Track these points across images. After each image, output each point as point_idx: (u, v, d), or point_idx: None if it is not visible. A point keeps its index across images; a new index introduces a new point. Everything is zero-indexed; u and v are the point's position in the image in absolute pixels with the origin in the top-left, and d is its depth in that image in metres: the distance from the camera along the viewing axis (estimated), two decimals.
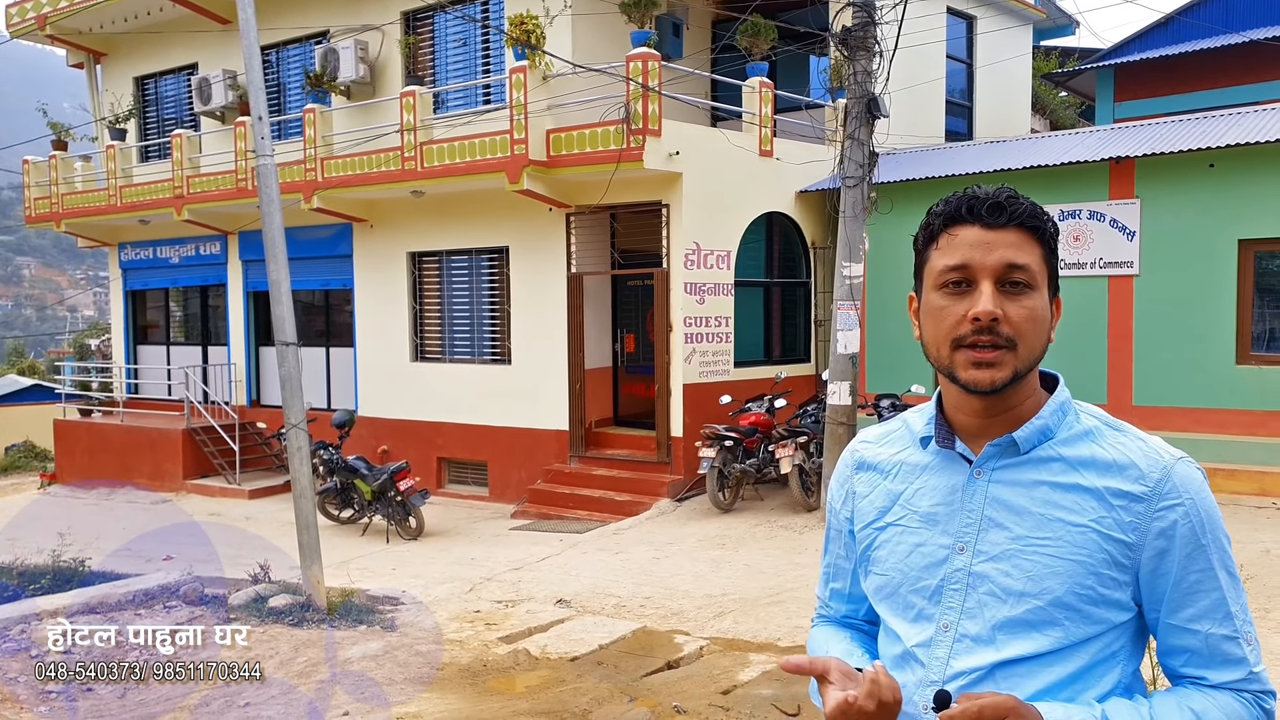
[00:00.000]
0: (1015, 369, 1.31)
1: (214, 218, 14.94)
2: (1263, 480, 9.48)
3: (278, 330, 6.94)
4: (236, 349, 15.57)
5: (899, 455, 1.48)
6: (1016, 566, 1.32)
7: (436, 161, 11.78)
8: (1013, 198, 1.35)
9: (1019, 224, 1.33)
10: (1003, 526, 1.34)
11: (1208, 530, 1.30)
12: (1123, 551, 1.30)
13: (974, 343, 1.31)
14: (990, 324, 1.30)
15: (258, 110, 6.94)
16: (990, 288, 1.31)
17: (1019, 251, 1.32)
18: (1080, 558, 1.30)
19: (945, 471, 1.41)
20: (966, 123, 15.13)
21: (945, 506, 1.39)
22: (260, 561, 7.68)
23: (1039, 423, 1.35)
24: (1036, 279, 1.32)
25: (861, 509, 1.50)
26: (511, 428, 12.28)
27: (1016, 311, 1.31)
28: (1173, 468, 1.31)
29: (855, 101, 9.01)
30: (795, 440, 10.09)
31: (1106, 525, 1.30)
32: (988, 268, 1.31)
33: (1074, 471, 1.33)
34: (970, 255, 1.32)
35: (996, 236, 1.32)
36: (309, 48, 14.38)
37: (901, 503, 1.44)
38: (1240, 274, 9.99)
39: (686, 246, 10.92)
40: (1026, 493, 1.34)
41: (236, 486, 13.82)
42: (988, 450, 1.36)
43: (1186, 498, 1.30)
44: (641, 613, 7.02)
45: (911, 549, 1.41)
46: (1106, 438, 1.35)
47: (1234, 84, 14.83)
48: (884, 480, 1.48)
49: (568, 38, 11.54)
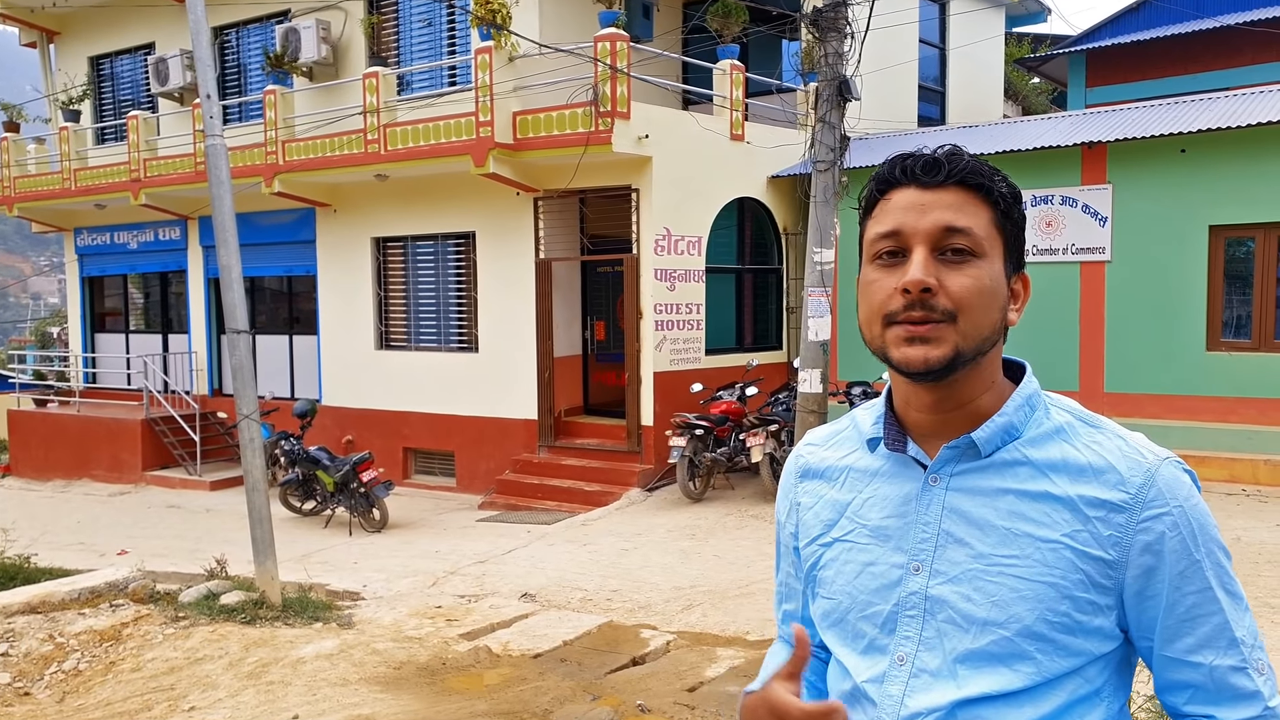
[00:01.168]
0: (957, 346, 1.12)
1: (173, 202, 14.56)
2: (1233, 467, 9.48)
3: (229, 318, 6.68)
4: (198, 337, 15.22)
5: (846, 459, 1.29)
6: (979, 590, 1.14)
7: (400, 144, 11.50)
8: (953, 154, 1.16)
9: (959, 182, 1.15)
10: (963, 543, 1.16)
11: (1201, 543, 1.12)
12: (1102, 571, 1.12)
13: (906, 318, 1.13)
14: (922, 295, 1.11)
15: (206, 88, 6.67)
16: (923, 254, 1.12)
17: (958, 213, 1.13)
18: (1052, 579, 1.11)
19: (897, 478, 1.22)
20: (939, 108, 15.04)
21: (898, 519, 1.20)
22: (217, 556, 7.45)
23: (1002, 420, 1.16)
24: (983, 245, 1.14)
25: (806, 522, 1.31)
26: (479, 417, 12.06)
27: (956, 281, 1.12)
28: (1157, 470, 1.13)
29: (826, 84, 8.84)
30: (766, 428, 9.97)
31: (1082, 540, 1.12)
32: (920, 232, 1.13)
33: (1043, 477, 1.15)
34: (902, 219, 1.15)
35: (933, 197, 1.14)
36: (270, 27, 14.02)
37: (849, 515, 1.25)
38: (1211, 260, 9.98)
39: (657, 232, 10.73)
40: (990, 503, 1.15)
41: (197, 478, 13.51)
42: (944, 453, 1.18)
43: (1174, 505, 1.12)
44: (608, 606, 6.85)
45: (861, 569, 1.22)
46: (1081, 436, 1.17)
47: (1205, 69, 14.82)
48: (830, 489, 1.29)
49: (535, 18, 11.29)
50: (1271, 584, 6.25)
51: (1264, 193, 9.62)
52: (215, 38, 14.69)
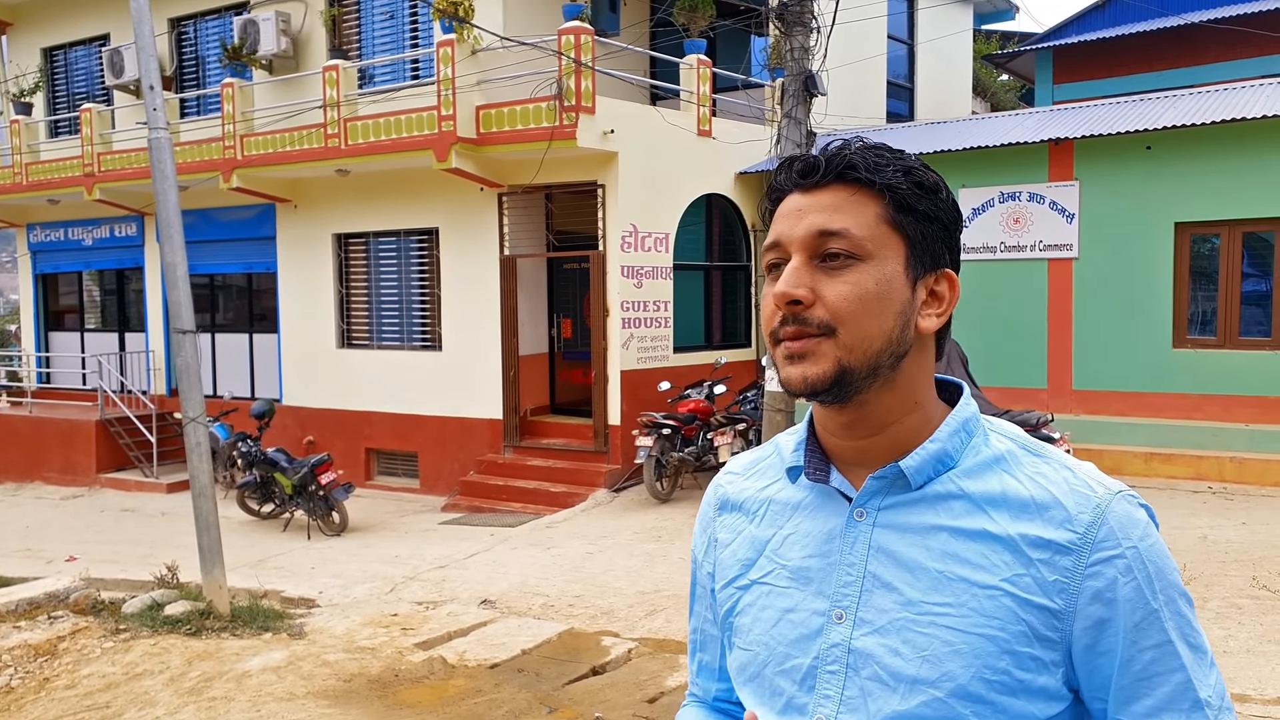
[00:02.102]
0: (839, 361, 1.00)
1: (128, 197, 14.19)
2: (1199, 464, 9.48)
3: (174, 317, 6.45)
4: (155, 335, 14.87)
5: (767, 490, 1.15)
6: (908, 643, 1.00)
7: (361, 139, 11.26)
8: (838, 149, 1.04)
9: (839, 179, 1.02)
10: (891, 588, 1.02)
11: (1159, 589, 0.98)
12: (1047, 622, 0.98)
13: (784, 334, 1.02)
14: (790, 308, 1.01)
15: (149, 79, 6.42)
16: (796, 263, 1.02)
17: (835, 214, 1.01)
18: (990, 631, 0.98)
19: (820, 512, 1.09)
20: (908, 104, 14.99)
21: (820, 559, 1.07)
22: (169, 562, 7.22)
23: (934, 447, 1.04)
24: (865, 247, 1.01)
25: (723, 562, 1.17)
26: (443, 417, 11.84)
27: (833, 290, 1.00)
28: (1108, 506, 0.99)
29: (793, 79, 8.72)
30: (734, 427, 9.86)
31: (1024, 586, 0.98)
32: (796, 240, 1.02)
33: (981, 513, 1.01)
34: (781, 228, 1.04)
35: (810, 200, 1.03)
36: (228, 19, 13.70)
37: (769, 554, 1.11)
38: (1177, 257, 9.99)
39: (623, 228, 10.57)
40: (921, 542, 1.02)
41: (154, 480, 13.18)
42: (869, 484, 1.05)
43: (1128, 546, 0.98)
44: (570, 613, 6.69)
45: (779, 616, 1.08)
46: (1023, 466, 1.03)
47: (1170, 67, 14.88)
48: (749, 524, 1.15)
49: (498, 11, 11.08)
50: (1238, 584, 6.20)
51: (1228, 190, 9.64)
52: (172, 29, 14.36)
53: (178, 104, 14.07)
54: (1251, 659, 5.01)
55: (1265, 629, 5.44)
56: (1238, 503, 8.71)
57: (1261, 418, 9.49)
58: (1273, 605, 5.66)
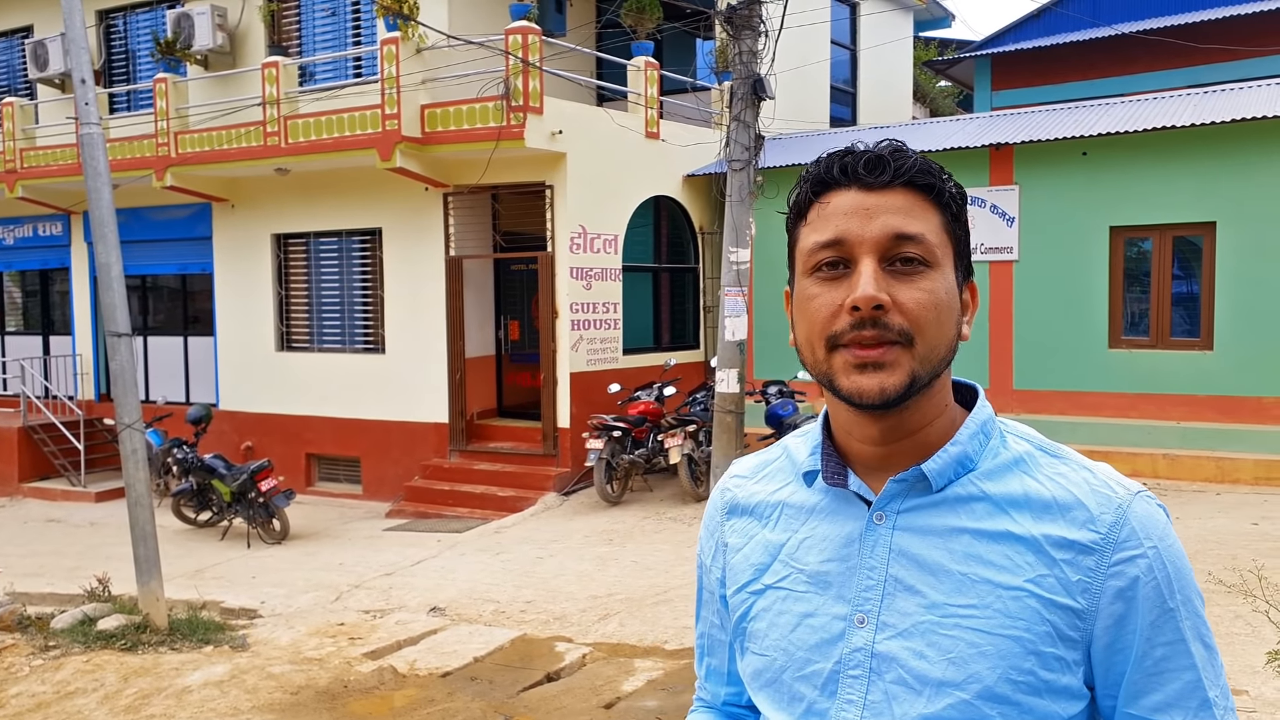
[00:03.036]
0: (913, 372, 0.98)
1: (53, 195, 13.69)
2: (1134, 462, 9.72)
3: (108, 320, 6.21)
4: (83, 338, 14.35)
5: (779, 494, 1.14)
6: (933, 646, 0.99)
7: (302, 137, 11.00)
8: (899, 150, 1.01)
9: (907, 183, 1.00)
10: (914, 591, 1.01)
11: (1177, 589, 0.99)
12: (1070, 621, 0.98)
13: (855, 339, 0.98)
14: (874, 313, 0.97)
15: (80, 73, 6.18)
16: (872, 266, 0.98)
17: (909, 218, 0.99)
18: (1015, 632, 0.97)
19: (838, 516, 1.07)
20: (850, 109, 15.16)
21: (839, 563, 1.05)
22: (99, 574, 6.95)
23: (955, 449, 1.03)
24: (936, 254, 1.00)
25: (735, 567, 1.15)
26: (386, 421, 11.62)
27: (910, 296, 0.98)
28: (1130, 506, 1.00)
29: (741, 82, 8.74)
30: (684, 429, 9.84)
31: (1048, 587, 0.98)
32: (868, 240, 0.99)
33: (1003, 514, 1.01)
34: (846, 227, 1.00)
35: (879, 200, 1.00)
36: (161, 12, 13.29)
37: (784, 558, 1.10)
38: (1112, 259, 10.24)
39: (572, 229, 10.49)
40: (943, 544, 1.01)
41: (81, 489, 12.71)
42: (890, 488, 1.04)
43: (1150, 546, 0.99)
44: (522, 619, 6.59)
45: (798, 621, 1.07)
46: (1042, 467, 1.03)
47: (1103, 75, 15.28)
48: (762, 528, 1.13)
49: (443, 9, 10.92)
50: None
51: (1159, 195, 9.92)
52: (101, 21, 13.89)
53: (107, 99, 13.61)
54: None
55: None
56: (1171, 498, 8.93)
57: (1192, 416, 9.77)
58: (1207, 598, 5.78)
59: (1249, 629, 5.28)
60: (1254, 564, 5.62)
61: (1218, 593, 5.55)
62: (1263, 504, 8.54)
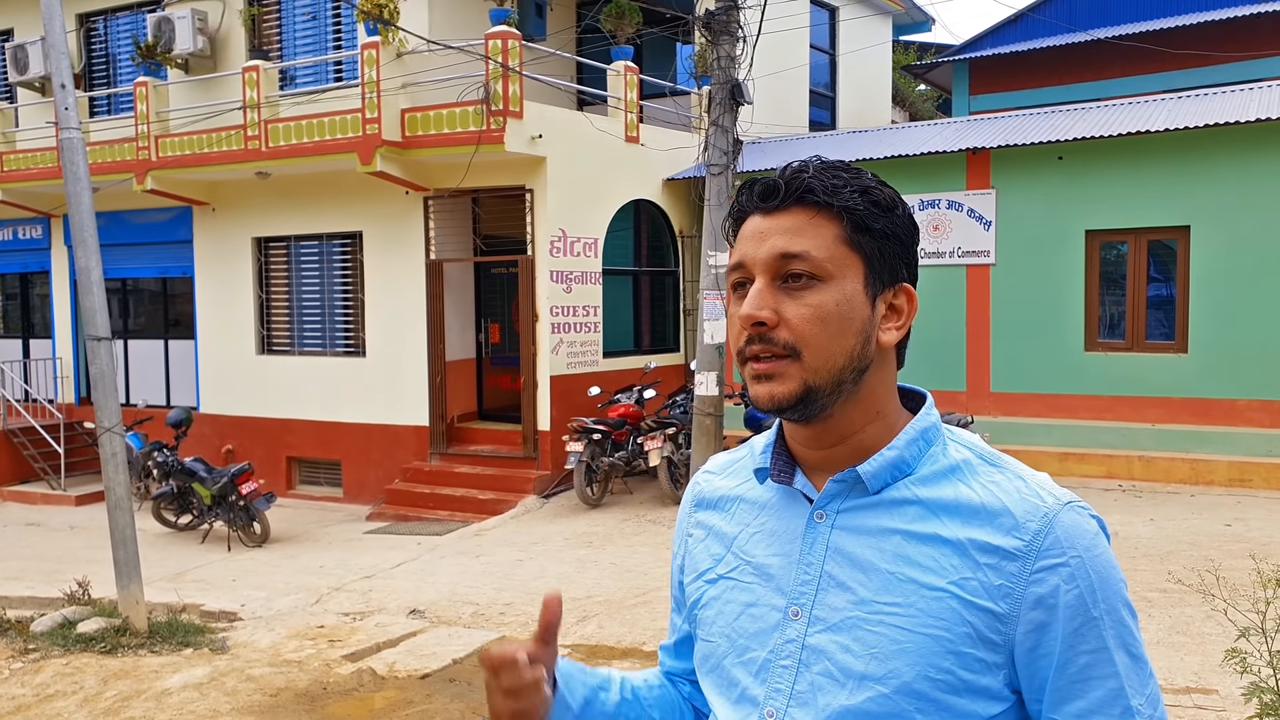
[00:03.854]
0: (805, 382, 1.04)
1: (34, 198, 13.65)
2: (1110, 463, 9.84)
3: (88, 323, 6.22)
4: (63, 342, 14.30)
5: (738, 489, 1.20)
6: (859, 640, 1.03)
7: (283, 141, 11.01)
8: (797, 172, 1.07)
9: (798, 202, 1.06)
10: (845, 587, 1.06)
11: (1101, 598, 1.01)
12: (990, 624, 1.01)
13: (751, 354, 1.06)
14: (757, 329, 1.05)
15: (60, 77, 6.20)
16: (760, 284, 1.06)
17: (796, 237, 1.05)
18: (936, 631, 1.01)
19: (784, 513, 1.13)
20: (830, 113, 15.26)
21: (782, 557, 1.11)
22: (79, 578, 6.96)
23: (891, 454, 1.07)
24: (825, 268, 1.05)
25: (695, 555, 1.22)
26: (367, 424, 11.64)
27: (795, 311, 1.04)
28: (1056, 516, 1.02)
29: (719, 87, 8.82)
30: (664, 432, 9.90)
31: (970, 589, 1.01)
32: (760, 261, 1.06)
33: (933, 518, 1.05)
34: (744, 250, 1.08)
35: (771, 222, 1.07)
36: (142, 16, 13.27)
37: (735, 550, 1.16)
38: (1088, 263, 10.34)
39: (552, 233, 10.54)
40: (875, 544, 1.06)
41: (61, 492, 12.67)
42: (829, 488, 1.09)
43: (1072, 555, 1.01)
44: (501, 621, 6.64)
45: (741, 609, 1.12)
46: (978, 475, 1.07)
47: (1079, 80, 15.46)
48: (721, 520, 1.20)
49: (424, 13, 10.96)
50: (1148, 577, 6.44)
51: (1134, 199, 10.02)
52: (81, 24, 13.85)
53: (87, 103, 13.57)
54: (1162, 650, 5.22)
55: (1174, 621, 5.66)
56: (1146, 499, 9.06)
57: (1167, 418, 9.87)
58: (1181, 598, 5.87)
59: (1220, 629, 5.37)
60: (1213, 564, 5.73)
61: (1188, 594, 5.65)
62: (1236, 505, 8.63)
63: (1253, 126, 9.28)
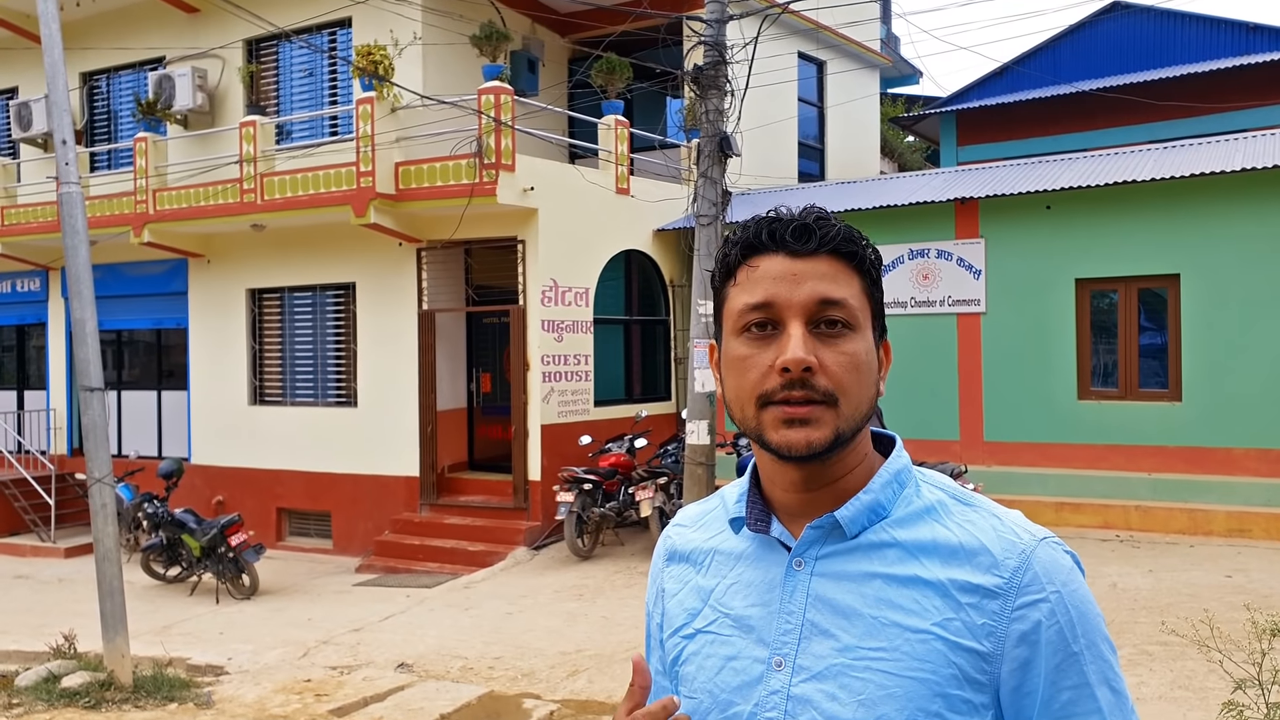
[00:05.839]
0: (837, 429, 1.05)
1: (33, 251, 13.78)
2: (1106, 513, 9.76)
3: (81, 374, 6.26)
4: (57, 393, 14.31)
5: (712, 541, 1.19)
6: (845, 688, 1.03)
7: (278, 194, 11.14)
8: (823, 219, 1.09)
9: (832, 250, 1.07)
10: (828, 634, 1.06)
11: (1081, 633, 1.03)
12: (976, 664, 1.02)
13: (785, 398, 1.04)
14: (803, 374, 1.04)
15: (61, 133, 6.30)
16: (801, 329, 1.05)
17: (834, 284, 1.06)
18: (922, 674, 1.01)
19: (761, 562, 1.13)
20: (818, 164, 15.45)
21: (761, 608, 1.10)
22: (65, 631, 6.89)
23: (867, 498, 1.08)
24: (858, 318, 1.07)
25: (670, 612, 1.21)
26: (357, 474, 11.60)
27: (835, 359, 1.05)
28: (1033, 552, 1.04)
29: (708, 140, 8.95)
30: (655, 481, 9.87)
31: (954, 630, 1.02)
32: (796, 304, 1.06)
33: (913, 560, 1.06)
34: (774, 290, 1.06)
35: (805, 266, 1.07)
36: (144, 74, 13.49)
37: (713, 603, 1.15)
38: (1078, 312, 10.35)
39: (544, 283, 10.62)
40: (856, 589, 1.06)
41: (51, 544, 12.58)
42: (807, 534, 1.09)
43: (1052, 590, 1.03)
44: (490, 675, 6.57)
45: (722, 664, 1.11)
46: (953, 515, 1.08)
47: (1065, 131, 15.68)
48: (696, 574, 1.19)
49: (418, 70, 11.16)
50: (1148, 630, 6.30)
51: (1122, 248, 10.08)
52: (84, 82, 14.08)
53: (88, 158, 13.75)
54: (1164, 705, 5.14)
55: (1176, 675, 5.55)
56: (1144, 550, 8.96)
57: (1162, 467, 9.79)
58: (1182, 651, 5.73)
59: (1222, 683, 5.29)
60: (1211, 616, 5.66)
61: (1189, 647, 5.56)
62: (1236, 556, 8.51)
63: (1240, 176, 9.36)
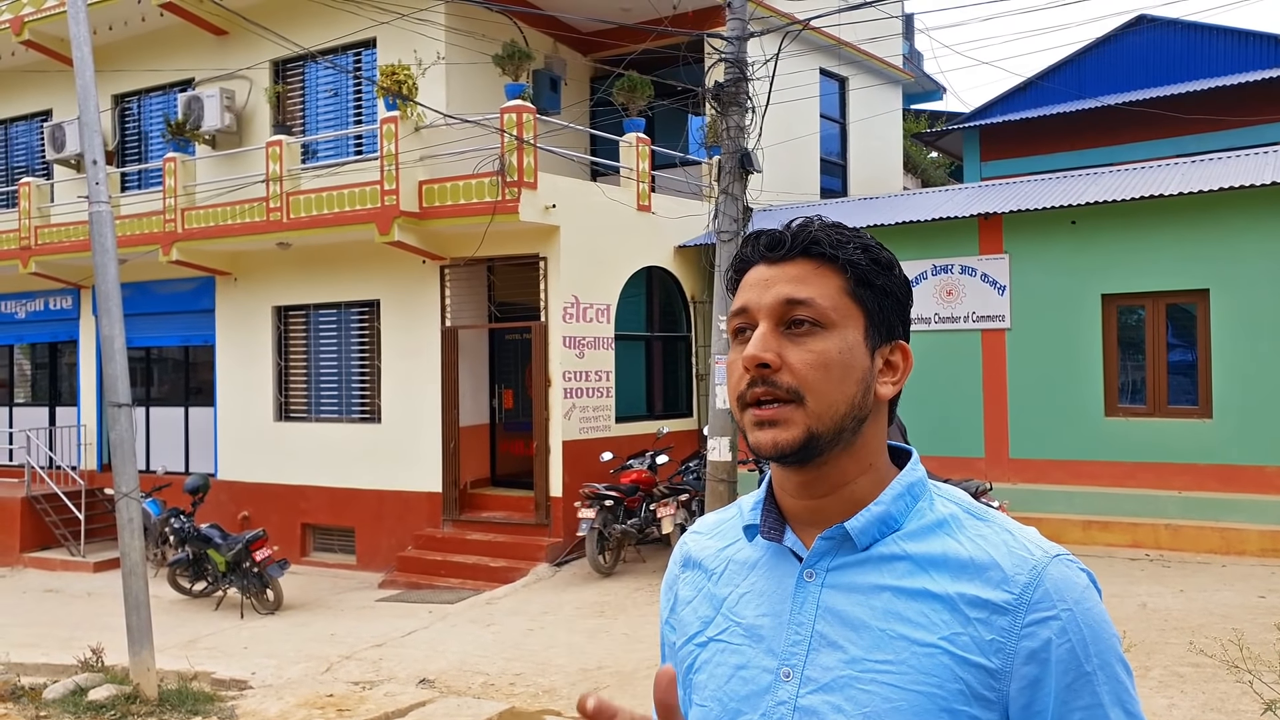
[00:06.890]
0: (808, 428, 1.05)
1: (65, 270, 14.01)
2: (1135, 532, 9.61)
3: (109, 390, 6.36)
4: (88, 409, 14.51)
5: (727, 550, 1.19)
6: (851, 700, 1.02)
7: (304, 212, 11.28)
8: (802, 225, 1.11)
9: (804, 253, 1.09)
10: (837, 646, 1.05)
11: (1094, 653, 1.00)
12: (984, 681, 1.00)
13: (753, 398, 1.07)
14: (760, 371, 1.06)
15: (92, 154, 6.43)
16: (764, 328, 1.08)
17: (801, 285, 1.08)
18: (929, 688, 1.00)
19: (774, 571, 1.13)
20: (841, 180, 15.44)
21: (772, 618, 1.10)
22: (93, 644, 6.97)
23: (878, 509, 1.08)
24: (829, 316, 1.07)
25: (684, 619, 1.20)
26: (381, 490, 11.67)
27: (800, 356, 1.06)
28: (1045, 569, 1.02)
29: (729, 156, 8.98)
30: (677, 498, 9.86)
31: (962, 645, 1.00)
32: (764, 307, 1.09)
33: (923, 573, 1.04)
34: (749, 296, 1.11)
35: (777, 271, 1.10)
36: (173, 96, 13.74)
37: (725, 611, 1.15)
38: (1105, 328, 10.22)
39: (565, 300, 10.67)
40: (866, 601, 1.05)
41: (80, 558, 12.73)
42: (818, 545, 1.08)
43: (1063, 608, 1.00)
44: (511, 691, 6.57)
45: (732, 672, 1.11)
46: (966, 529, 1.07)
47: (1090, 146, 15.57)
48: (709, 582, 1.19)
49: (442, 89, 11.28)
50: (1178, 651, 6.19)
51: (1150, 263, 9.95)
52: (116, 104, 14.35)
53: (119, 178, 14.01)
54: None
55: (1208, 697, 5.43)
56: (1175, 570, 8.81)
57: (1193, 485, 9.61)
58: (1214, 673, 5.63)
59: (1256, 705, 5.20)
60: (1241, 637, 5.56)
61: (1222, 669, 5.45)
62: (1270, 576, 8.34)
63: (1269, 190, 9.23)
